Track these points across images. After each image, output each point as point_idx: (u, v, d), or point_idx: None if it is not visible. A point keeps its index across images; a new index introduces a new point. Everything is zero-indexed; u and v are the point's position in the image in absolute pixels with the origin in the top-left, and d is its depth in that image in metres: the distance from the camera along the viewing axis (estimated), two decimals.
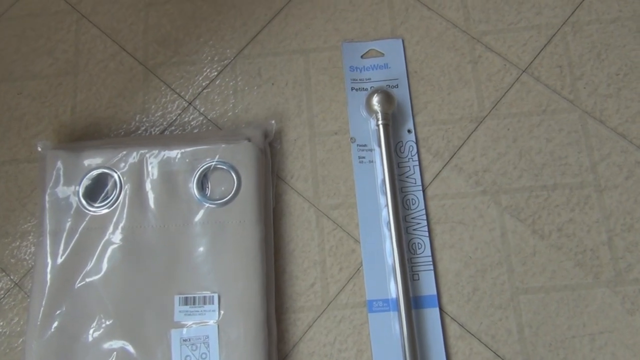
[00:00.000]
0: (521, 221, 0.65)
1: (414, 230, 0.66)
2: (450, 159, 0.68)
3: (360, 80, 0.72)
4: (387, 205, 0.64)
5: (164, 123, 0.72)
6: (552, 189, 0.66)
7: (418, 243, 0.65)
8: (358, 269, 0.65)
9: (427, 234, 0.65)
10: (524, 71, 0.71)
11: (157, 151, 0.66)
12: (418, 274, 0.64)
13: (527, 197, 0.66)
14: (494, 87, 0.70)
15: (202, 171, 0.65)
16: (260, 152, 0.66)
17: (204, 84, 0.73)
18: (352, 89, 0.71)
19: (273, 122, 0.70)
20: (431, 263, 0.64)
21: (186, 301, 0.61)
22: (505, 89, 0.70)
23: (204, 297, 0.61)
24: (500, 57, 0.72)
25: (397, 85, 0.71)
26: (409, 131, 0.69)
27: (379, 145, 0.66)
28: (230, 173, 0.65)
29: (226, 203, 0.64)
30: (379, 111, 0.67)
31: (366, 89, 0.71)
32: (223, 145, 0.66)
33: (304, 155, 0.70)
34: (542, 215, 0.65)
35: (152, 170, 0.65)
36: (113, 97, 0.73)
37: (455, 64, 0.72)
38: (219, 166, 0.65)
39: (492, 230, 0.65)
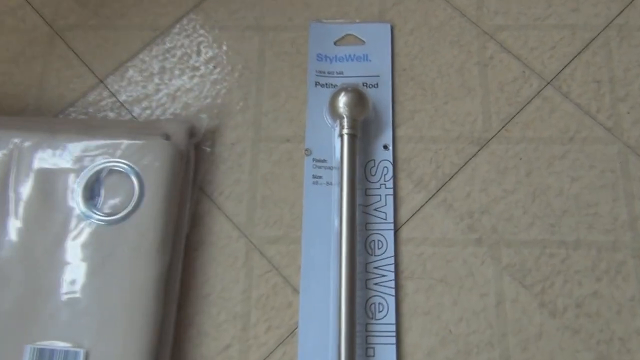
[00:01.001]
0: (526, 288, 0.47)
1: (375, 284, 0.47)
2: (437, 191, 0.50)
3: (328, 73, 0.53)
4: (341, 245, 0.46)
5: (63, 103, 0.54)
6: (573, 247, 0.47)
7: (379, 304, 0.47)
8: (293, 331, 0.46)
9: (393, 291, 0.47)
10: (548, 83, 0.52)
11: (35, 140, 0.48)
12: (374, 348, 0.46)
13: (538, 256, 0.47)
14: (506, 100, 0.52)
15: (94, 174, 0.47)
16: (178, 156, 0.48)
17: (123, 57, 0.55)
18: (317, 84, 0.53)
19: (205, 116, 0.52)
20: (394, 334, 0.46)
21: (40, 355, 0.43)
22: (522, 104, 0.52)
23: (65, 352, 0.43)
24: (518, 62, 0.53)
25: (376, 84, 0.53)
26: (385, 147, 0.51)
27: (341, 164, 0.48)
28: (132, 179, 0.47)
29: (120, 221, 0.46)
30: (345, 116, 0.49)
31: (335, 86, 0.53)
32: (127, 142, 0.48)
33: (241, 165, 0.51)
34: (556, 283, 0.47)
35: (23, 165, 0.47)
36: (4, 61, 0.55)
37: (458, 65, 0.53)
38: (117, 169, 0.47)
39: (484, 297, 0.47)
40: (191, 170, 0.50)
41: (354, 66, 0.54)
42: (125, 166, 0.47)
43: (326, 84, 0.53)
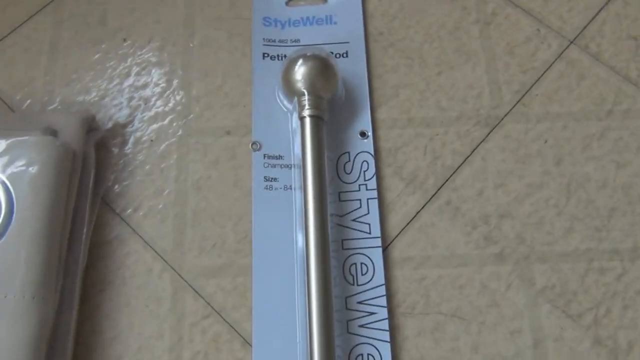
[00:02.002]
0: (572, 319, 0.33)
1: (361, 327, 0.33)
2: (437, 190, 0.36)
3: (280, 41, 0.40)
4: (309, 273, 0.31)
5: None
6: (629, 257, 0.34)
7: (369, 355, 0.32)
8: None
9: (387, 336, 0.32)
10: (572, 42, 0.40)
11: None
12: None
13: (583, 273, 0.34)
14: (519, 67, 0.39)
15: None
16: (67, 158, 0.33)
17: (2, 29, 0.41)
18: (265, 56, 0.39)
19: (110, 105, 0.37)
20: None
21: None
22: (540, 71, 0.39)
23: None
24: (529, 17, 0.40)
25: (345, 53, 0.39)
26: (363, 135, 0.37)
27: (303, 158, 0.34)
28: None
29: None
30: (305, 92, 0.35)
31: None
32: None
33: (164, 170, 0.37)
34: (613, 310, 0.33)
35: None
36: None
37: (452, 24, 0.40)
38: None
39: (516, 335, 0.33)
40: (90, 178, 0.35)
41: (313, 31, 0.40)
42: None
43: (277, 56, 0.39)
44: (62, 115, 0.36)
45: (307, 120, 0.34)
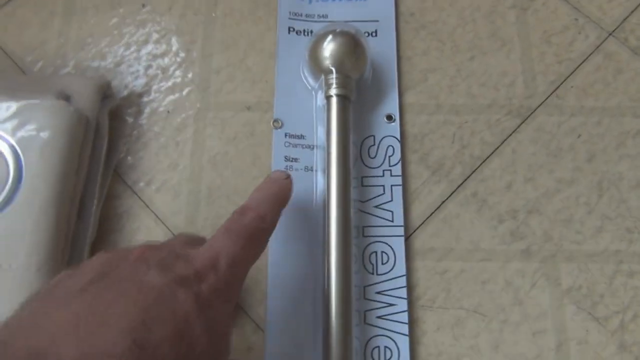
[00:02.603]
0: (599, 322, 0.31)
1: (379, 318, 0.31)
2: (464, 181, 0.34)
3: (307, 16, 0.38)
4: (328, 260, 0.30)
5: None
6: None
7: (385, 347, 0.31)
8: None
9: (405, 329, 0.31)
10: (610, 34, 0.38)
11: None
12: None
13: (612, 275, 0.32)
14: (555, 56, 0.37)
15: None
16: (80, 125, 0.32)
17: None
18: (291, 30, 0.37)
19: (127, 72, 0.35)
20: None
21: None
22: (577, 62, 0.37)
23: None
24: (568, 5, 0.39)
25: (375, 32, 0.37)
26: (390, 118, 0.35)
27: (328, 139, 0.32)
28: (4, 157, 0.30)
29: None
30: (333, 70, 0.33)
31: None
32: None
33: (180, 143, 0.35)
34: None
35: None
36: None
37: (487, 8, 0.39)
38: None
39: (538, 335, 0.31)
40: (103, 148, 0.34)
41: (343, 7, 0.38)
42: None
43: (304, 31, 0.37)
44: (76, 80, 0.34)
45: (334, 100, 0.33)
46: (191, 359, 0.21)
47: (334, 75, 0.33)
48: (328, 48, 0.33)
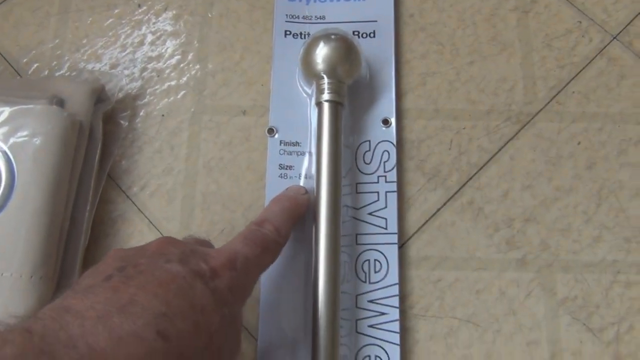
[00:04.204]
0: (593, 333, 0.31)
1: (371, 327, 0.31)
2: (461, 187, 0.34)
3: (304, 18, 0.37)
4: (317, 266, 0.30)
5: None
6: None
7: (376, 357, 0.31)
8: None
9: (397, 338, 0.31)
10: (614, 37, 0.37)
11: None
12: None
13: (609, 285, 0.32)
14: (556, 61, 0.36)
15: None
16: (73, 129, 0.32)
17: None
18: (287, 33, 0.37)
19: (121, 74, 0.35)
20: None
21: None
22: (579, 67, 0.36)
23: None
24: (572, 7, 0.38)
25: (372, 33, 0.37)
26: (386, 123, 0.35)
27: (318, 145, 0.32)
28: None
29: None
30: (324, 75, 0.33)
31: None
32: None
33: (174, 148, 0.35)
34: (637, 327, 0.32)
35: None
36: None
37: (488, 11, 0.38)
38: None
39: (532, 346, 0.31)
40: (96, 152, 0.34)
41: (340, 8, 0.38)
42: None
43: (300, 34, 0.37)
44: (70, 84, 0.34)
45: (325, 106, 0.32)
46: (210, 351, 0.22)
47: (326, 81, 0.33)
48: (320, 54, 0.33)
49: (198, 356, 0.21)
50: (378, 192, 0.34)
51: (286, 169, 0.34)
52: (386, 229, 0.33)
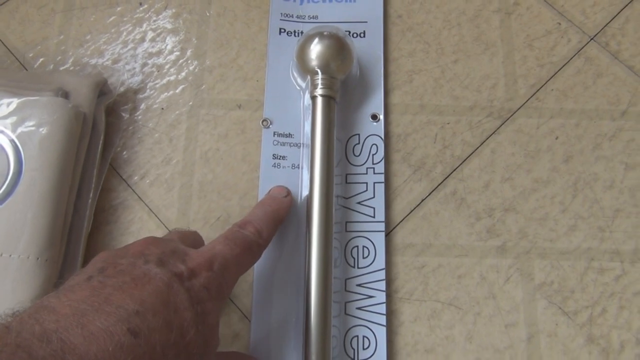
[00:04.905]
0: (568, 316, 0.33)
1: (359, 309, 0.33)
2: (444, 179, 0.36)
3: (298, 17, 0.39)
4: (309, 252, 0.32)
5: None
6: (630, 259, 0.34)
7: (364, 337, 0.33)
8: None
9: (383, 319, 0.33)
10: (592, 38, 0.39)
11: None
12: None
13: (583, 271, 0.34)
14: (536, 60, 0.38)
15: None
16: (77, 120, 0.33)
17: None
18: (282, 31, 0.39)
19: (123, 68, 0.37)
20: None
21: None
22: (558, 66, 0.38)
23: None
24: (552, 10, 0.40)
25: (363, 33, 0.39)
26: (374, 118, 0.37)
27: (312, 138, 0.34)
28: (4, 152, 0.32)
29: None
30: (318, 71, 0.34)
31: None
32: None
33: (172, 139, 0.37)
34: (609, 310, 0.33)
35: None
36: None
37: (472, 12, 0.40)
38: None
39: (510, 328, 0.33)
40: (99, 142, 0.35)
41: (332, 8, 0.39)
42: None
43: (294, 32, 0.39)
44: (74, 77, 0.35)
45: (319, 100, 0.34)
46: (181, 346, 0.23)
47: (320, 77, 0.34)
48: (314, 50, 0.35)
49: (169, 350, 0.22)
50: (367, 183, 0.36)
51: (279, 158, 0.36)
52: (374, 217, 0.35)
